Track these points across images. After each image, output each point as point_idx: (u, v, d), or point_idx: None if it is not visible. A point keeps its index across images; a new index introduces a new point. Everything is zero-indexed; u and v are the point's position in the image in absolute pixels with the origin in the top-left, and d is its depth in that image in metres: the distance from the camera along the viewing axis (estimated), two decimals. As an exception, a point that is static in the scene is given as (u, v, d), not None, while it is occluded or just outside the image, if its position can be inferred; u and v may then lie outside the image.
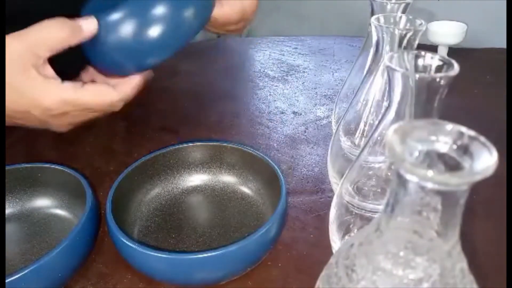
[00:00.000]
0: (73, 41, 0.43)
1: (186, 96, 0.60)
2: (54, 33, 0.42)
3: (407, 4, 0.42)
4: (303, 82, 0.76)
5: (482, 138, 0.18)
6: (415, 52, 0.28)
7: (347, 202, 0.35)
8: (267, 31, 1.74)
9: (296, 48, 0.90)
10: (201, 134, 0.60)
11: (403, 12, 0.42)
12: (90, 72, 0.48)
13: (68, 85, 0.42)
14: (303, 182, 0.52)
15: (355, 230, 0.35)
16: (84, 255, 0.40)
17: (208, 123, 0.64)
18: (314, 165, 0.55)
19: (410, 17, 0.37)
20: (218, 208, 0.46)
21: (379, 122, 0.32)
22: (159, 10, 0.42)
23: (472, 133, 0.18)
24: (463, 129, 0.19)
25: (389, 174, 0.35)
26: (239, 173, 0.48)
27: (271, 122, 0.64)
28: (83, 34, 0.43)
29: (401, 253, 0.20)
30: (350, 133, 0.45)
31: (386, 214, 0.20)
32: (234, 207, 0.46)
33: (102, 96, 0.44)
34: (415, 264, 0.20)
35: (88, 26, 0.43)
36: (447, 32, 0.74)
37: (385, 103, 0.41)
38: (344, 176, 0.35)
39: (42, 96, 0.41)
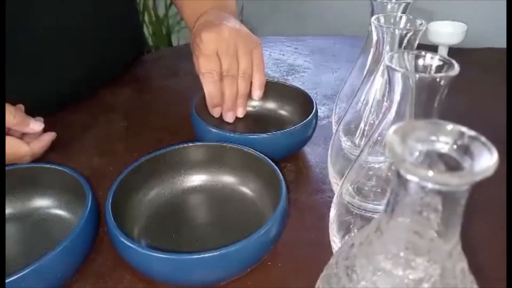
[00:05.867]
0: (16, 127, 0.50)
1: (186, 96, 0.60)
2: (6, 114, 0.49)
3: (407, 4, 0.42)
4: (303, 82, 0.76)
5: (483, 138, 0.18)
6: (415, 52, 0.28)
7: (347, 202, 0.35)
8: (267, 31, 1.74)
9: (296, 48, 0.90)
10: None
11: (403, 12, 0.42)
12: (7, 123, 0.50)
13: None
14: (303, 182, 0.52)
15: (355, 230, 0.35)
16: (84, 255, 0.40)
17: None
18: (314, 165, 0.55)
19: (410, 17, 0.37)
20: (218, 208, 0.46)
21: (379, 122, 0.32)
22: None
23: (472, 133, 0.18)
24: (464, 129, 0.19)
25: (389, 174, 0.35)
26: (239, 173, 0.48)
27: (271, 122, 0.64)
28: (26, 129, 0.51)
29: (402, 254, 0.20)
30: (350, 133, 0.45)
31: (386, 214, 0.20)
32: (234, 207, 0.46)
33: (16, 149, 0.49)
34: (416, 265, 0.20)
35: (34, 126, 0.51)
36: (447, 32, 0.74)
37: (385, 103, 0.41)
38: (344, 176, 0.35)
39: None
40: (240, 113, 0.59)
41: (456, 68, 0.26)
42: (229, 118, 0.58)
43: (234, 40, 0.56)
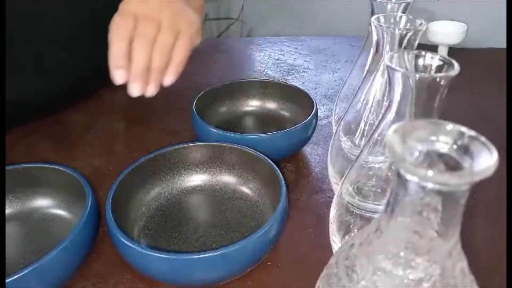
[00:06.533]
0: None
1: (186, 96, 0.60)
2: None
3: (407, 4, 0.42)
4: (303, 82, 0.76)
5: (482, 138, 0.18)
6: (415, 52, 0.28)
7: (347, 202, 0.35)
8: (267, 31, 1.74)
9: (296, 48, 0.90)
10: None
11: (403, 12, 0.42)
12: None
13: None
14: (303, 182, 0.52)
15: (355, 230, 0.35)
16: (84, 255, 0.40)
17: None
18: (314, 165, 0.55)
19: (410, 17, 0.37)
20: (218, 208, 0.46)
21: (379, 122, 0.32)
22: None
23: (472, 133, 0.18)
24: (463, 129, 0.19)
25: (389, 174, 0.35)
26: (239, 173, 0.48)
27: (271, 122, 0.64)
28: None
29: (402, 253, 0.20)
30: (350, 133, 0.45)
31: (386, 214, 0.20)
32: (234, 207, 0.46)
33: None
34: (416, 264, 0.20)
35: None
36: (447, 32, 0.74)
37: (385, 103, 0.41)
38: (344, 176, 0.35)
39: None
40: (150, 91, 0.48)
41: (456, 68, 0.26)
42: (133, 90, 0.47)
43: (160, 10, 0.48)
